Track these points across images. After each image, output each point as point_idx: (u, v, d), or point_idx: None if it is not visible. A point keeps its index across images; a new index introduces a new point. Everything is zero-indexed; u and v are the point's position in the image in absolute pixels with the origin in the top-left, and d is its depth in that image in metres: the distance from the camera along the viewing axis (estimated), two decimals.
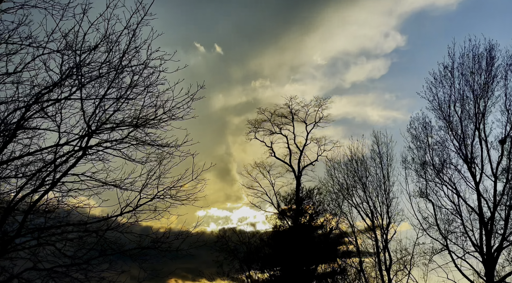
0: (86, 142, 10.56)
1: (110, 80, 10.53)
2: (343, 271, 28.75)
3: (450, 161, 23.17)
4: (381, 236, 27.11)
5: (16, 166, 10.74)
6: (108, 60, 10.39)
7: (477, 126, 22.18)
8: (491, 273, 21.41)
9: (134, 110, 10.91)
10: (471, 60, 22.47)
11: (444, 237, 23.39)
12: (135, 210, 11.32)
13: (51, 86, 10.13)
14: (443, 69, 23.04)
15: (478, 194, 22.15)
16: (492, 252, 21.45)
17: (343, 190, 28.70)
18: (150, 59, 10.58)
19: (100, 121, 10.58)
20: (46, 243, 10.82)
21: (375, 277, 27.46)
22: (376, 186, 27.72)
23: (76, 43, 10.02)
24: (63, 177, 10.62)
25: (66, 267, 10.80)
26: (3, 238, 10.35)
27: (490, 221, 21.68)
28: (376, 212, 27.38)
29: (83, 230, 11.05)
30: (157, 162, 11.43)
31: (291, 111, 33.33)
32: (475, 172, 22.23)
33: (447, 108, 22.88)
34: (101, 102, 10.51)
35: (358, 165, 28.49)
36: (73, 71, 10.18)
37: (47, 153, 10.54)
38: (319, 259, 28.95)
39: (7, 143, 10.02)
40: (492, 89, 22.09)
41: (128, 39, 10.39)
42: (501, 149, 21.83)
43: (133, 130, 10.95)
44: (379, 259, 26.98)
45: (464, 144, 22.38)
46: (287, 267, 28.38)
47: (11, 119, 9.99)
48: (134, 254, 11.25)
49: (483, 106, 22.12)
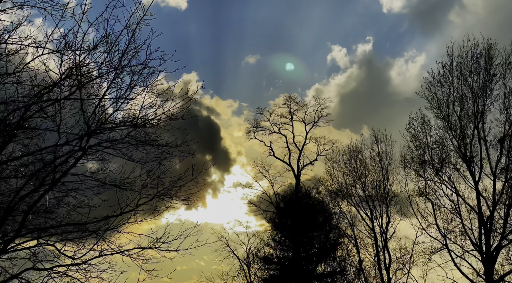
0: (85, 142, 10.56)
1: (110, 80, 10.54)
2: (343, 271, 28.74)
3: (449, 160, 23.22)
4: (380, 235, 27.15)
5: (16, 166, 10.75)
6: (107, 60, 10.39)
7: (476, 125, 22.22)
8: (490, 272, 21.45)
9: (134, 110, 10.93)
10: (470, 59, 22.52)
11: (443, 236, 23.44)
12: (135, 210, 11.33)
13: (50, 86, 10.13)
14: (442, 68, 23.13)
15: (477, 193, 22.19)
16: (491, 251, 21.49)
17: (343, 190, 28.73)
18: (150, 59, 10.60)
19: (99, 121, 10.58)
20: (46, 243, 10.83)
21: (375, 276, 27.49)
22: (375, 185, 27.76)
23: (75, 43, 10.02)
24: (63, 177, 10.62)
25: (66, 267, 10.82)
26: (3, 238, 10.36)
27: (489, 220, 21.72)
28: (375, 211, 27.42)
29: (83, 230, 11.05)
30: (156, 162, 11.45)
31: (290, 110, 33.35)
32: (474, 171, 22.29)
33: (446, 108, 22.94)
34: (100, 102, 10.52)
35: (357, 164, 28.53)
36: (73, 71, 10.17)
37: (46, 153, 10.54)
38: (318, 259, 28.94)
39: (7, 143, 10.02)
40: (491, 88, 22.14)
41: (128, 39, 10.40)
42: (500, 148, 21.87)
43: (133, 130, 10.95)
44: (379, 258, 27.01)
45: (463, 143, 22.42)
46: (286, 266, 28.38)
47: (11, 119, 9.98)
48: (134, 254, 11.27)
49: (482, 105, 22.17)
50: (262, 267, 29.97)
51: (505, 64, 22.00)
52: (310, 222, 30.18)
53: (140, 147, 11.17)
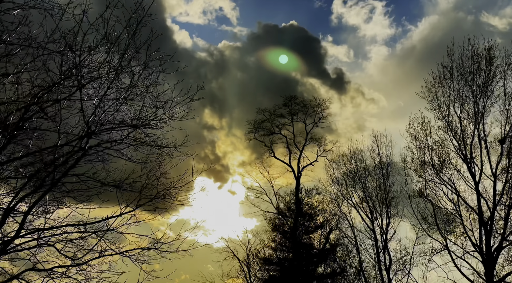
0: (85, 142, 10.56)
1: (110, 81, 10.53)
2: (343, 271, 28.72)
3: (449, 161, 23.19)
4: (380, 236, 27.13)
5: (16, 166, 10.74)
6: (107, 60, 10.38)
7: (476, 126, 22.19)
8: (491, 273, 21.41)
9: (134, 110, 10.92)
10: (470, 60, 22.49)
11: (443, 237, 23.40)
12: (134, 210, 11.32)
13: (50, 87, 10.12)
14: (442, 69, 23.06)
15: (478, 194, 22.16)
16: (491, 252, 21.46)
17: (343, 190, 28.75)
18: (150, 59, 10.59)
19: (99, 121, 10.58)
20: (46, 244, 10.81)
21: (375, 277, 27.47)
22: (376, 186, 27.74)
23: (75, 44, 10.01)
24: (63, 178, 10.61)
25: (66, 268, 10.80)
26: (3, 239, 10.35)
27: (490, 221, 21.69)
28: (375, 212, 27.39)
29: (83, 230, 11.04)
30: (156, 162, 11.44)
31: (290, 111, 33.28)
32: (474, 172, 22.25)
33: (446, 108, 22.92)
34: (100, 102, 10.51)
35: (358, 165, 28.52)
36: (73, 72, 10.16)
37: (46, 153, 10.53)
38: (318, 259, 28.93)
39: (7, 143, 10.01)
40: (491, 89, 22.10)
41: (128, 39, 10.39)
42: (501, 149, 21.84)
43: (133, 130, 10.96)
44: (379, 259, 26.98)
45: (464, 144, 22.39)
46: (286, 267, 28.36)
47: (11, 120, 9.97)
48: (134, 255, 11.25)
49: (483, 106, 22.14)
50: (262, 268, 29.96)
51: (506, 65, 21.98)
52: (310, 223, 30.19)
53: (140, 148, 11.17)
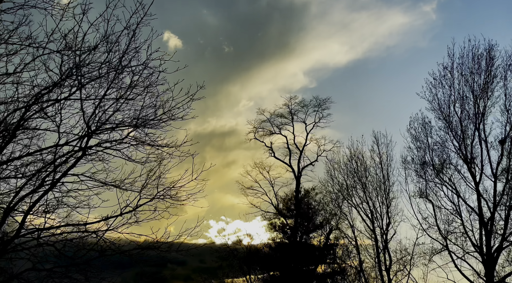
0: (85, 142, 10.55)
1: (110, 81, 10.53)
2: (343, 272, 28.73)
3: (450, 162, 23.19)
4: (381, 236, 27.10)
5: (16, 166, 10.73)
6: (108, 60, 10.39)
7: (477, 126, 22.18)
8: (491, 274, 21.39)
9: (134, 110, 10.92)
10: (471, 60, 22.48)
11: (444, 237, 23.38)
12: (134, 210, 11.29)
13: (50, 87, 10.12)
14: (443, 69, 23.04)
15: (478, 194, 22.14)
16: (492, 253, 21.44)
17: (343, 191, 28.70)
18: (150, 59, 10.59)
19: (99, 121, 10.57)
20: (45, 244, 10.79)
21: (375, 277, 27.46)
22: (376, 186, 27.72)
23: (76, 44, 10.02)
24: (63, 178, 10.60)
25: (66, 268, 10.78)
26: (2, 239, 10.34)
27: (490, 221, 21.67)
28: (376, 212, 27.38)
29: (82, 230, 11.03)
30: (157, 162, 11.43)
31: (290, 111, 33.29)
32: (475, 172, 22.23)
33: (447, 109, 22.89)
34: (100, 102, 10.51)
35: (358, 165, 28.49)
36: (73, 72, 10.17)
37: (46, 153, 10.54)
38: (318, 260, 28.93)
39: (7, 143, 10.01)
40: (491, 89, 22.08)
41: (128, 39, 10.40)
42: (501, 149, 21.82)
43: (133, 130, 10.95)
44: (379, 260, 26.96)
45: (464, 144, 22.38)
46: (286, 267, 28.37)
47: (11, 120, 9.98)
48: (134, 254, 11.24)
49: (483, 106, 22.12)
50: (262, 268, 29.98)
51: (506, 65, 21.98)
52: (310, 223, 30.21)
53: (140, 147, 11.16)
